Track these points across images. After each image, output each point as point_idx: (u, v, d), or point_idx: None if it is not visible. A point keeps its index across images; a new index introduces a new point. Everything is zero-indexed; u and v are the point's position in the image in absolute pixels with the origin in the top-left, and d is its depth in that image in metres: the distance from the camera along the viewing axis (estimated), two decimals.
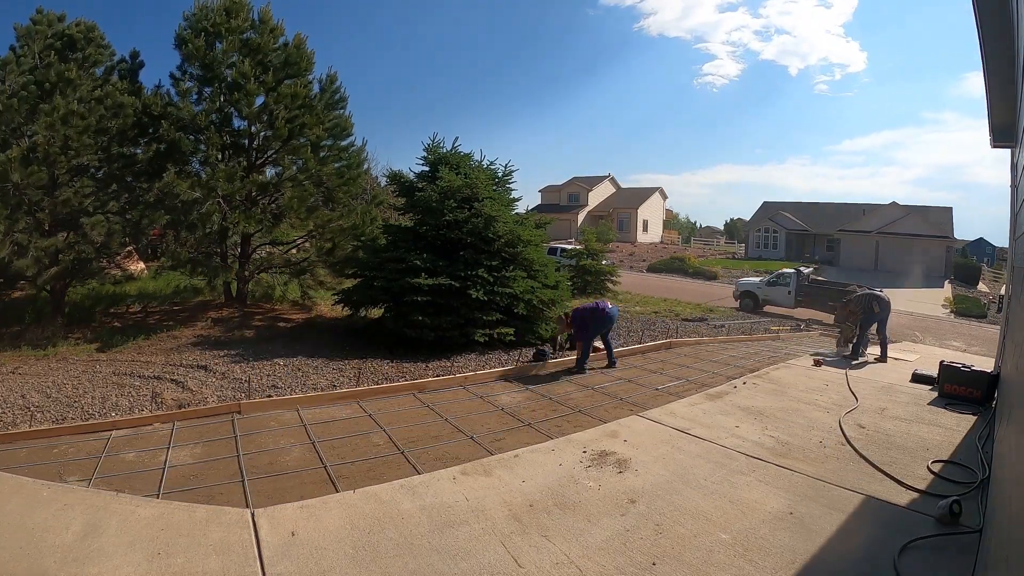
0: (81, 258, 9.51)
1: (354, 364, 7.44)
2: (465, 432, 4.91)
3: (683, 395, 6.12)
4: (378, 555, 2.84)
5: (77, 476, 3.92)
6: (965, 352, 12.03)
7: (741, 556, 2.88)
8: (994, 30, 5.20)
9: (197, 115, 10.25)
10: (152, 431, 4.88)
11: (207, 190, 9.85)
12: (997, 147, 7.95)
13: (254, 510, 3.29)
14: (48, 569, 2.61)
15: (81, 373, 7.12)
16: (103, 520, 3.07)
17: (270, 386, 6.47)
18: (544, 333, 9.13)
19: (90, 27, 10.69)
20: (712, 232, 64.33)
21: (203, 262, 10.78)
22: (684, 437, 4.67)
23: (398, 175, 10.41)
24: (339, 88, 11.80)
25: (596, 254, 18.62)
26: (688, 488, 3.69)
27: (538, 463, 4.07)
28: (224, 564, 2.71)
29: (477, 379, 6.71)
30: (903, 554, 2.89)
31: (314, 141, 11.04)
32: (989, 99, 6.73)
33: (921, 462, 4.19)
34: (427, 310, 8.01)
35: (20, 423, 5.21)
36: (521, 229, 9.20)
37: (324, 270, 11.49)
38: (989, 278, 36.01)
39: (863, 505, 3.50)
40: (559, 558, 2.85)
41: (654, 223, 49.70)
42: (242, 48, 10.65)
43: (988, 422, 5.20)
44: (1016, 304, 4.79)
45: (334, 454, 4.39)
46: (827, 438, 4.71)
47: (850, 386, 6.55)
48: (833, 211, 39.26)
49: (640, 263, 33.58)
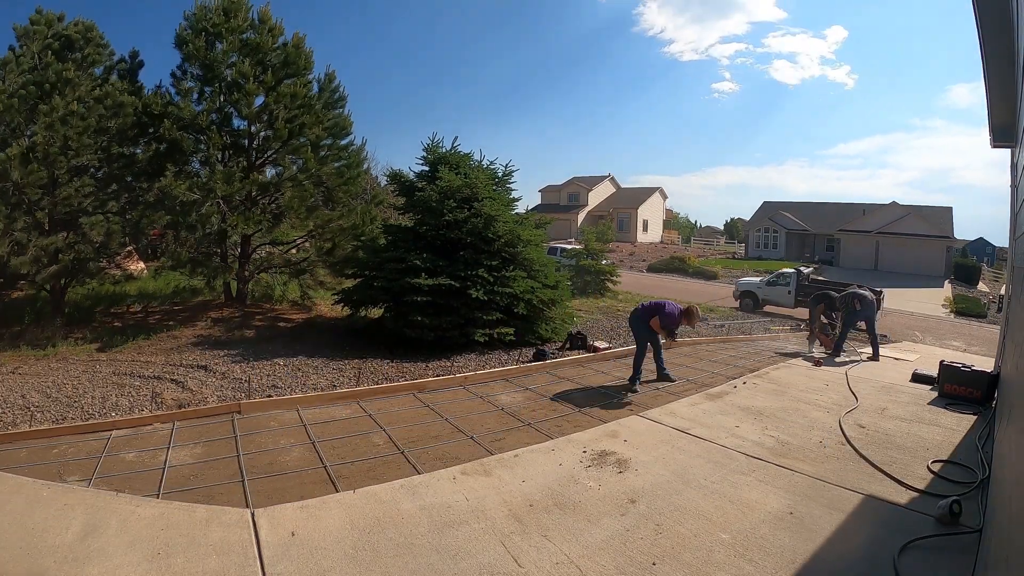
0: (80, 258, 9.50)
1: (354, 364, 7.44)
2: (465, 432, 4.91)
3: (683, 395, 6.12)
4: (378, 555, 2.84)
5: (77, 476, 3.92)
6: (965, 352, 12.03)
7: (741, 556, 2.88)
8: (994, 30, 5.20)
9: (198, 115, 10.25)
10: (152, 431, 4.88)
11: (206, 191, 9.85)
12: (997, 147, 7.93)
13: (254, 510, 3.29)
14: (48, 569, 2.61)
15: (81, 373, 7.12)
16: (103, 520, 3.06)
17: (270, 386, 6.47)
18: (544, 333, 9.13)
19: (89, 27, 10.68)
20: (712, 232, 64.31)
21: (203, 262, 10.78)
22: (684, 437, 4.67)
23: (398, 175, 10.42)
24: (338, 87, 11.81)
25: (596, 254, 18.63)
26: (688, 488, 3.68)
27: (538, 463, 4.07)
28: (224, 564, 2.71)
29: (477, 379, 6.71)
30: (903, 554, 2.89)
31: (314, 141, 11.04)
32: (989, 99, 6.72)
33: (921, 462, 4.19)
34: (427, 310, 8.01)
35: (20, 423, 5.21)
36: (521, 229, 9.20)
37: (324, 270, 11.50)
38: (989, 278, 36.03)
39: (863, 505, 3.50)
40: (559, 558, 2.85)
41: (654, 223, 49.68)
42: (242, 48, 10.65)
43: (988, 422, 5.20)
44: (1016, 304, 4.79)
45: (334, 454, 4.39)
46: (827, 438, 4.71)
47: (850, 386, 6.55)
48: (833, 211, 39.25)
49: (640, 263, 33.58)
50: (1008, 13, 4.83)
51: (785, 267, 20.95)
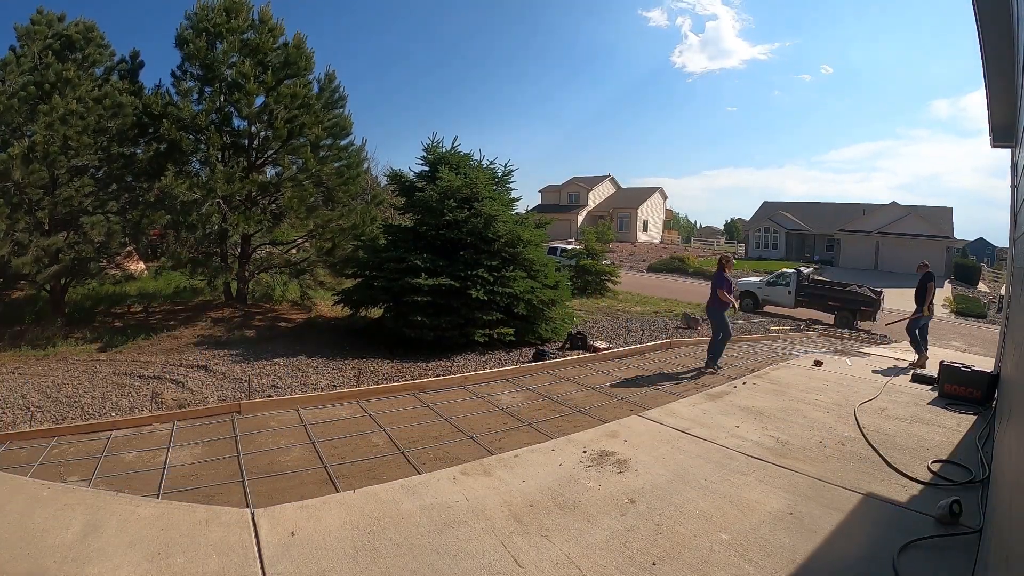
0: (81, 258, 9.51)
1: (354, 364, 7.44)
2: (465, 432, 4.91)
3: (683, 395, 6.12)
4: (378, 555, 2.84)
5: (77, 476, 3.93)
6: (965, 352, 12.03)
7: (741, 556, 2.88)
8: (994, 30, 5.20)
9: (197, 115, 10.26)
10: (152, 431, 4.88)
11: (206, 191, 9.85)
12: (997, 147, 7.92)
13: (254, 510, 3.29)
14: (48, 569, 2.61)
15: (81, 373, 7.12)
16: (103, 520, 3.06)
17: (270, 386, 6.47)
18: (544, 333, 9.13)
19: (89, 27, 10.69)
20: (712, 232, 64.32)
21: (203, 262, 10.80)
22: (684, 437, 4.67)
23: (398, 175, 10.42)
24: (338, 87, 11.83)
25: (596, 254, 18.62)
26: (688, 488, 3.68)
27: (538, 463, 4.07)
28: (224, 564, 2.71)
29: (477, 379, 6.70)
30: (903, 554, 2.89)
31: (314, 141, 11.05)
32: (989, 99, 6.72)
33: (921, 462, 4.19)
34: (427, 310, 8.01)
35: (20, 423, 5.21)
36: (521, 229, 9.21)
37: (324, 270, 11.51)
38: (989, 278, 36.02)
39: (863, 505, 3.50)
40: (559, 558, 2.84)
41: (654, 223, 49.68)
42: (242, 48, 10.66)
43: (988, 422, 5.20)
44: (1016, 304, 4.79)
45: (334, 454, 4.39)
46: (827, 438, 4.71)
47: (850, 386, 6.54)
48: (833, 211, 39.24)
49: (640, 263, 33.58)
50: (1008, 14, 4.83)
51: (785, 267, 20.95)
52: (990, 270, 39.34)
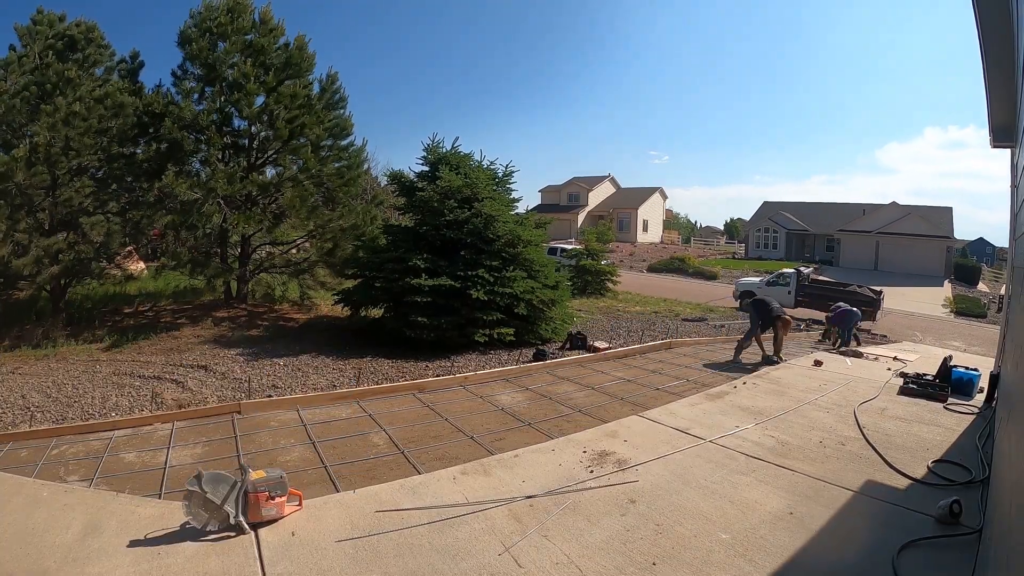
0: (81, 258, 9.52)
1: (354, 364, 7.45)
2: (465, 432, 4.91)
3: (683, 395, 6.12)
4: (378, 555, 2.84)
5: (77, 476, 3.93)
6: (965, 352, 12.03)
7: (741, 556, 2.88)
8: (994, 30, 5.20)
9: (199, 114, 10.27)
10: (152, 431, 4.88)
11: (207, 191, 9.86)
12: (997, 147, 7.92)
13: None
14: (48, 569, 2.61)
15: (81, 373, 7.12)
16: (103, 520, 3.07)
17: (270, 386, 6.47)
18: (544, 333, 9.14)
19: (90, 27, 10.70)
20: (712, 232, 64.31)
21: (203, 262, 10.80)
22: (684, 437, 4.67)
23: (398, 175, 10.42)
24: (339, 88, 11.84)
25: (596, 254, 18.61)
26: (688, 488, 3.68)
27: (538, 463, 4.07)
28: (224, 564, 2.72)
29: (477, 379, 6.71)
30: (902, 554, 2.89)
31: (314, 141, 11.06)
32: (989, 99, 6.71)
33: (921, 462, 4.19)
34: (427, 310, 8.01)
35: (20, 423, 5.22)
36: (521, 229, 9.21)
37: (324, 270, 11.51)
38: (989, 278, 36.01)
39: (863, 505, 3.50)
40: (559, 558, 2.85)
41: (654, 223, 49.66)
42: (244, 49, 10.66)
43: (988, 422, 5.20)
44: (1016, 304, 4.79)
45: (334, 454, 4.39)
46: (827, 438, 4.71)
47: (850, 386, 6.55)
48: (833, 211, 39.19)
49: (640, 263, 33.55)
50: (1008, 14, 4.83)
51: (785, 267, 20.94)
52: (990, 270, 39.32)
